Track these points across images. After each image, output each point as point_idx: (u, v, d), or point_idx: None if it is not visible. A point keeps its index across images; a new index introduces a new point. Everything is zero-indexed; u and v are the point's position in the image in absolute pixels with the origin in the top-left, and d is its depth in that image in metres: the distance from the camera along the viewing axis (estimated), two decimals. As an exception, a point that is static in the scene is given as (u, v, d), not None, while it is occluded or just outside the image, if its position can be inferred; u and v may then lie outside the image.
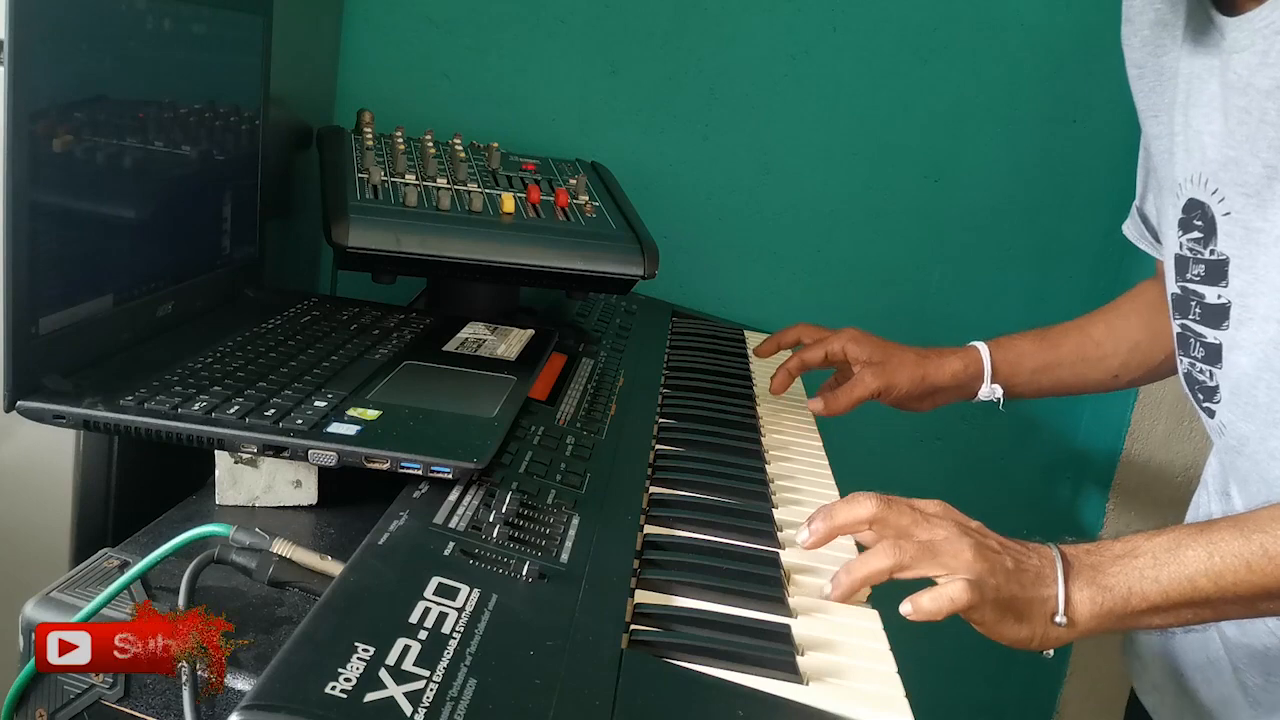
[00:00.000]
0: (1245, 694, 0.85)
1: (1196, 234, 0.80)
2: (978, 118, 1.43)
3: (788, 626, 0.64)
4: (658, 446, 0.90)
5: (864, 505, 0.71)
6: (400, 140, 1.19)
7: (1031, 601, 0.67)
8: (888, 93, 1.42)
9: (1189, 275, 0.82)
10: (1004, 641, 0.68)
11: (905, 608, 0.66)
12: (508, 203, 1.07)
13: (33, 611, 0.58)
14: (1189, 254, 0.81)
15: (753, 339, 1.32)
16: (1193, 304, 0.82)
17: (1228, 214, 0.77)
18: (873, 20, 1.40)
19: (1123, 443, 1.52)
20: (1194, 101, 0.80)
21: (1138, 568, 0.68)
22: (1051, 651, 0.69)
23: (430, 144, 1.19)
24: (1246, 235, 0.76)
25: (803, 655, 0.62)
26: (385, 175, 1.08)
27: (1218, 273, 0.79)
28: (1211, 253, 0.79)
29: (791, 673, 0.60)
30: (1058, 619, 0.67)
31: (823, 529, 0.72)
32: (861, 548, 0.73)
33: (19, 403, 0.67)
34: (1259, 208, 0.74)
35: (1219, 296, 0.79)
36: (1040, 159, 1.45)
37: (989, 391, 1.04)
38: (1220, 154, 0.77)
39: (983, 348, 1.05)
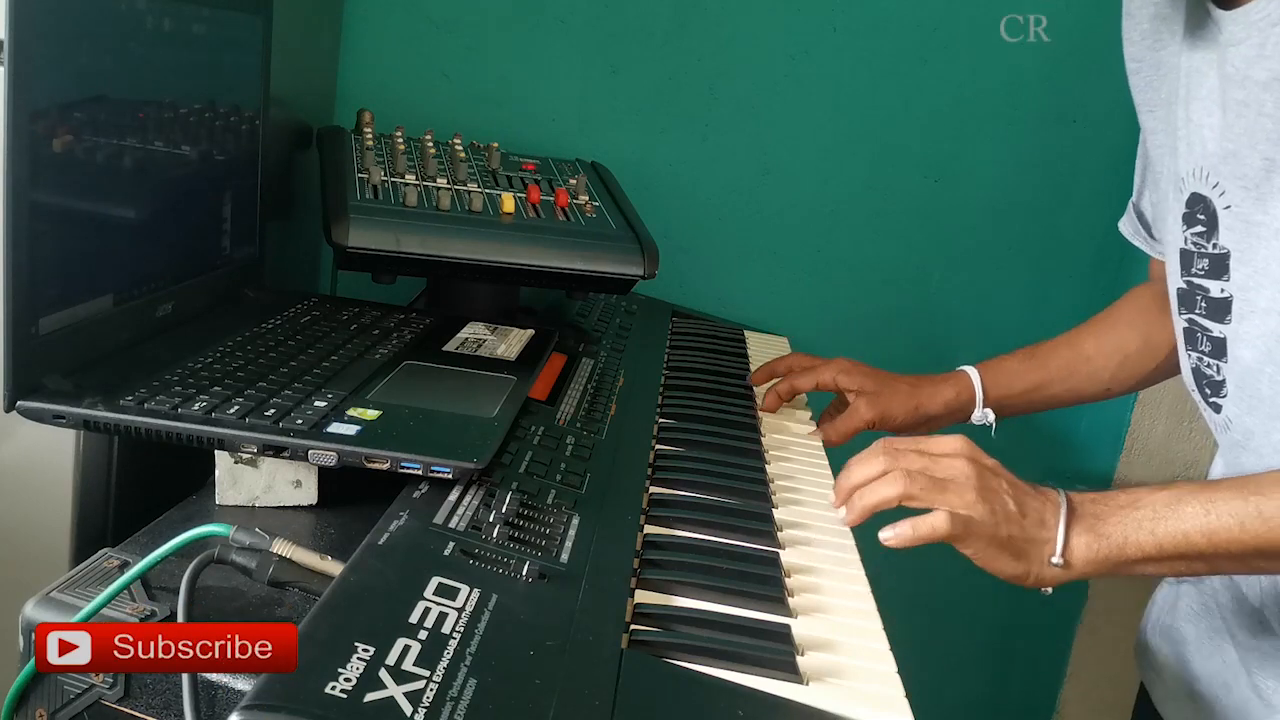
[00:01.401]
0: (1261, 698, 0.85)
1: (1200, 228, 0.80)
2: (978, 118, 1.43)
3: (788, 626, 0.64)
4: (658, 446, 0.90)
5: (875, 463, 0.76)
6: (400, 140, 1.19)
7: (1029, 541, 0.72)
8: (888, 93, 1.42)
9: (1194, 269, 0.82)
10: (999, 575, 0.72)
11: (885, 534, 0.72)
12: (508, 203, 1.07)
13: (33, 611, 0.58)
14: (1193, 248, 0.81)
15: (752, 339, 1.32)
16: (1198, 298, 0.82)
17: (1228, 207, 0.77)
18: (873, 20, 1.40)
19: (1123, 443, 1.52)
20: (1194, 95, 0.80)
21: (1137, 519, 0.71)
22: (1050, 590, 0.73)
23: (430, 144, 1.19)
24: (1247, 229, 0.76)
25: (803, 655, 0.62)
26: (385, 175, 1.08)
27: (1220, 266, 0.79)
28: (1214, 246, 0.79)
29: (791, 673, 0.60)
30: (1054, 560, 0.72)
31: (859, 509, 0.76)
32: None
33: (19, 403, 0.67)
34: (1258, 201, 0.74)
35: (1222, 290, 0.79)
36: (1040, 159, 1.45)
37: (981, 416, 1.05)
38: (1220, 147, 0.77)
39: (973, 372, 1.05)
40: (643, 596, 0.66)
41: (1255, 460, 0.81)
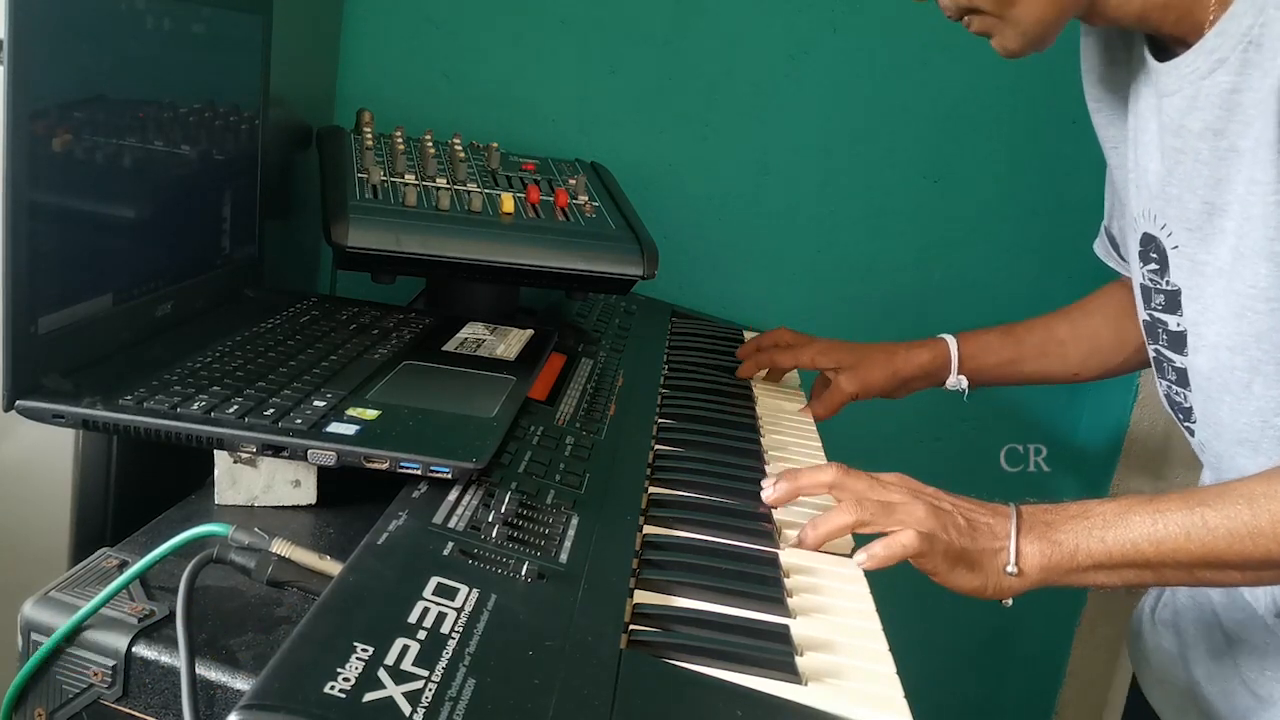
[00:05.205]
0: (1246, 687, 0.87)
1: (1154, 265, 0.84)
2: (977, 118, 1.43)
3: (787, 627, 0.64)
4: (657, 446, 0.90)
5: (826, 472, 0.78)
6: (400, 140, 1.19)
7: (982, 553, 0.74)
8: (888, 93, 1.42)
9: (1152, 305, 0.86)
10: (958, 590, 0.74)
11: (860, 557, 0.73)
12: (507, 203, 1.07)
13: (32, 611, 0.58)
14: (1150, 284, 0.85)
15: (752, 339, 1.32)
16: (1160, 331, 0.86)
17: (1176, 247, 0.81)
18: (873, 20, 1.40)
19: (1122, 443, 1.52)
20: (1140, 140, 0.84)
21: (1087, 527, 0.73)
22: (1010, 601, 0.74)
23: (430, 144, 1.19)
24: (1193, 267, 0.79)
25: (802, 655, 0.62)
26: (385, 175, 1.08)
27: (1174, 303, 0.83)
28: (1167, 284, 0.83)
29: (790, 673, 0.60)
30: (1009, 569, 0.73)
31: (786, 488, 0.80)
32: (858, 539, 0.77)
33: (18, 402, 0.67)
34: (1202, 241, 0.78)
35: (1178, 325, 0.83)
36: (1040, 159, 1.45)
37: (955, 381, 1.10)
38: (1163, 191, 0.81)
39: (951, 340, 1.10)
40: (642, 597, 0.66)
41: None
